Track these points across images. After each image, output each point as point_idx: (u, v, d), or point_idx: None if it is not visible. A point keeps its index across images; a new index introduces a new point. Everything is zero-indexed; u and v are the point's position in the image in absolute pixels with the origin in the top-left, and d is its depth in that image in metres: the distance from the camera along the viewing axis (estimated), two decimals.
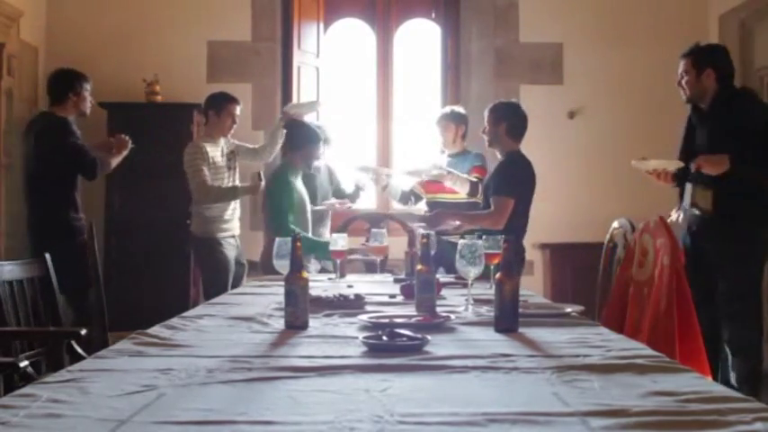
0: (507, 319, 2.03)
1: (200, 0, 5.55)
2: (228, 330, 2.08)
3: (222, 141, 4.61)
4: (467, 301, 2.47)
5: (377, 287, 3.15)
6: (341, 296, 2.56)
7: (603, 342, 1.85)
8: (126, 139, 4.41)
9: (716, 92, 3.52)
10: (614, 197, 5.21)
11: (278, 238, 2.84)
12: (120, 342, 1.82)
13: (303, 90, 5.68)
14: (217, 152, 4.54)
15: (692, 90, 3.57)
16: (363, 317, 2.15)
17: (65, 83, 4.33)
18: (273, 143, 4.73)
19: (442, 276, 3.21)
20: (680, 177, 3.59)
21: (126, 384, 1.38)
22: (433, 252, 2.49)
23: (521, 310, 2.10)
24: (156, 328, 2.01)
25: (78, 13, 5.49)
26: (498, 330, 2.02)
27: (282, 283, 2.10)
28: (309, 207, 4.30)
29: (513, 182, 3.77)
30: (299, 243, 2.10)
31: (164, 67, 5.34)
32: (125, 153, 4.40)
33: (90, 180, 4.35)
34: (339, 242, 3.47)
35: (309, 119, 5.00)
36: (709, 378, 1.62)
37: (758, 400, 1.27)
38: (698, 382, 1.42)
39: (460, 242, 2.40)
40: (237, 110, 4.60)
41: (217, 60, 5.53)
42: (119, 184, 4.94)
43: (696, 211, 3.50)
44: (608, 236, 3.52)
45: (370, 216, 5.02)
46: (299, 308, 2.05)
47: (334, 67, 6.07)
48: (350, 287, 3.15)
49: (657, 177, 3.59)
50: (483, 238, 2.59)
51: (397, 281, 3.30)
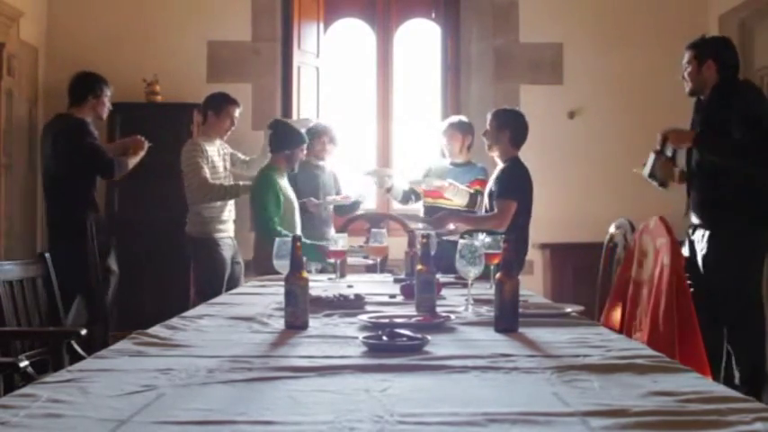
0: (507, 319, 2.03)
1: (200, 0, 5.56)
2: (228, 330, 2.07)
3: (218, 143, 4.61)
4: (467, 301, 2.47)
5: (377, 287, 3.15)
6: (341, 296, 2.56)
7: (603, 342, 1.85)
8: (142, 139, 4.44)
9: (716, 83, 3.49)
10: (614, 197, 5.21)
11: (277, 239, 2.84)
12: (120, 342, 1.82)
13: (303, 90, 5.68)
14: (214, 152, 4.54)
15: (693, 81, 3.54)
16: (363, 317, 2.15)
17: (86, 85, 4.38)
18: (264, 157, 4.72)
19: (441, 276, 3.21)
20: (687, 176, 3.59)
21: (126, 384, 1.38)
22: (432, 252, 2.49)
23: (521, 310, 2.10)
24: (156, 328, 2.01)
25: (78, 13, 5.50)
26: (498, 330, 2.02)
27: (282, 283, 2.10)
28: (297, 207, 4.28)
29: (515, 186, 3.89)
30: (298, 243, 2.11)
31: (164, 67, 5.34)
32: (142, 154, 4.43)
33: (108, 180, 4.40)
34: (339, 242, 3.47)
35: (317, 119, 5.02)
36: (710, 378, 1.61)
37: (759, 401, 1.27)
38: (698, 382, 1.42)
39: (460, 242, 2.40)
40: (237, 112, 4.60)
41: (217, 60, 5.54)
42: (119, 183, 4.94)
43: (654, 183, 3.50)
44: (608, 236, 3.52)
45: (370, 216, 5.02)
46: (299, 308, 2.05)
47: (334, 67, 6.07)
48: (350, 287, 3.15)
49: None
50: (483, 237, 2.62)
51: (397, 281, 3.30)
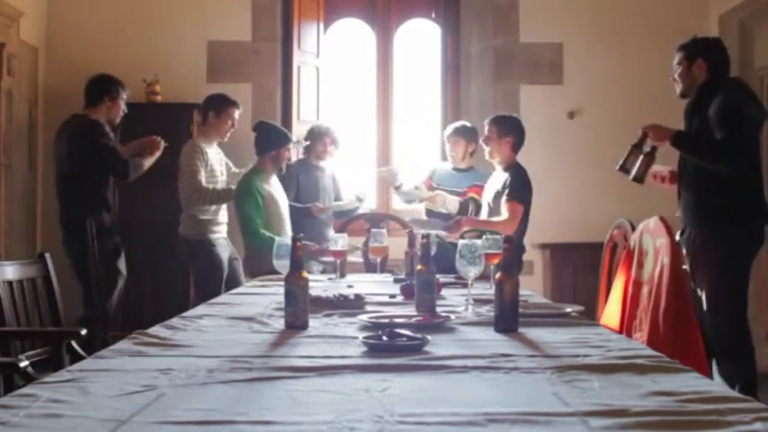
0: (507, 319, 2.03)
1: (200, 0, 5.55)
2: (228, 330, 2.07)
3: (216, 144, 4.62)
4: (467, 301, 2.47)
5: (377, 287, 3.15)
6: (341, 296, 2.56)
7: (603, 342, 1.85)
8: (158, 140, 4.45)
9: (703, 82, 3.43)
10: (614, 197, 5.20)
11: (277, 239, 2.84)
12: (120, 342, 1.82)
13: (303, 90, 5.68)
14: (213, 154, 4.55)
15: (683, 82, 3.50)
16: (363, 317, 2.15)
17: (102, 87, 4.40)
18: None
19: (441, 276, 3.21)
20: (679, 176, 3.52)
21: (126, 384, 1.38)
22: (432, 252, 2.50)
23: (521, 310, 2.10)
24: (156, 328, 2.01)
25: (78, 13, 5.49)
26: (498, 330, 2.02)
27: (282, 283, 2.10)
28: (286, 207, 4.25)
29: (523, 190, 4.03)
30: (298, 244, 2.11)
31: (164, 67, 5.34)
32: (158, 154, 4.44)
33: (123, 181, 4.40)
34: (339, 242, 3.47)
35: (317, 119, 5.02)
36: (709, 378, 1.62)
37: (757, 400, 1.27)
38: (698, 382, 1.42)
39: (461, 242, 2.40)
40: (237, 113, 4.61)
41: (217, 60, 5.53)
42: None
43: (627, 177, 3.44)
44: (608, 236, 3.52)
45: (370, 216, 5.02)
46: (298, 308, 2.05)
47: (334, 67, 6.07)
48: (350, 287, 3.15)
49: (654, 179, 3.58)
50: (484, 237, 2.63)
51: (397, 281, 3.30)
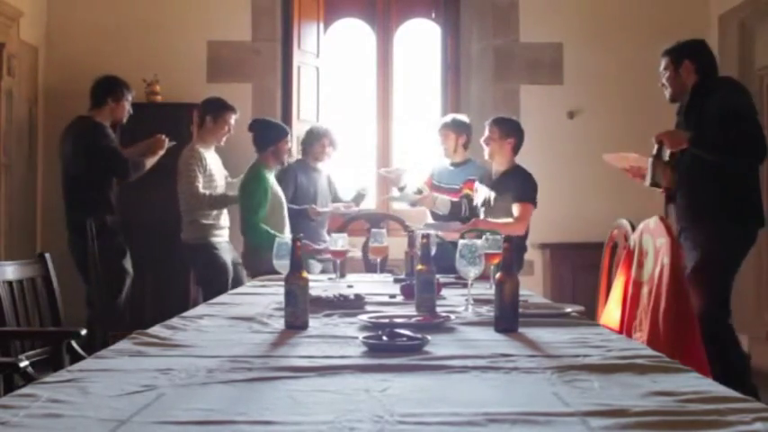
0: (507, 319, 2.03)
1: (200, 0, 5.56)
2: (228, 330, 2.07)
3: (213, 149, 4.63)
4: (467, 301, 2.47)
5: (377, 287, 3.15)
6: (341, 296, 2.56)
7: (603, 342, 1.85)
8: (162, 138, 4.46)
9: (695, 84, 3.44)
10: (614, 197, 5.21)
11: (277, 239, 2.84)
12: (120, 342, 1.82)
13: (303, 90, 5.68)
14: (211, 159, 4.56)
15: (672, 86, 3.51)
16: (363, 317, 2.14)
17: (106, 88, 4.43)
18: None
19: (441, 276, 3.22)
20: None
21: (126, 384, 1.38)
22: (432, 252, 2.50)
23: (521, 310, 2.09)
24: (156, 328, 2.01)
25: (78, 13, 5.50)
26: (498, 330, 2.02)
27: (282, 283, 2.10)
28: (285, 206, 4.28)
29: (530, 190, 4.09)
30: (299, 243, 2.11)
31: (164, 67, 5.34)
32: (161, 153, 4.45)
33: (124, 181, 4.42)
34: (339, 242, 3.47)
35: (317, 119, 5.03)
36: (710, 378, 1.61)
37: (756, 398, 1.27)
38: (698, 382, 1.42)
39: (461, 242, 2.40)
40: (233, 119, 4.62)
41: (217, 60, 5.54)
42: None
43: (658, 190, 3.43)
44: (608, 236, 3.52)
45: (370, 216, 5.02)
46: (298, 308, 2.05)
47: (334, 67, 6.07)
48: (350, 287, 3.15)
49: (631, 175, 3.65)
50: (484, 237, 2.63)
51: (397, 281, 3.30)
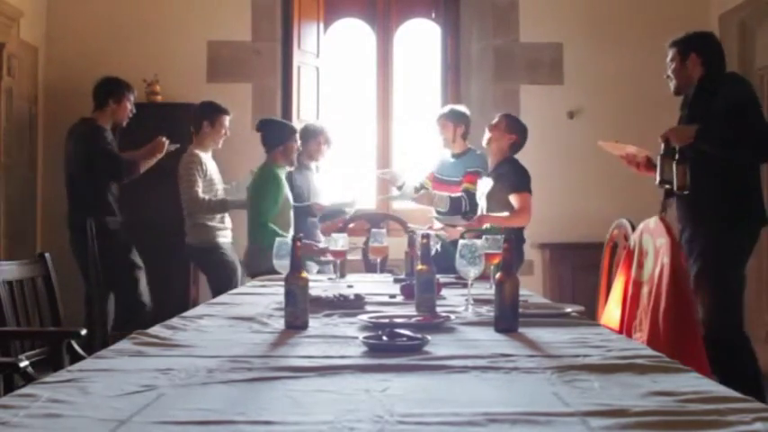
0: (507, 319, 2.03)
1: (200, 0, 5.55)
2: (228, 330, 2.07)
3: (210, 153, 4.63)
4: (467, 301, 2.47)
5: (377, 287, 3.15)
6: (341, 296, 2.56)
7: (603, 342, 1.85)
8: (162, 142, 4.44)
9: (700, 77, 3.36)
10: (614, 197, 5.20)
11: (277, 239, 2.84)
12: (120, 342, 1.82)
13: (303, 90, 5.68)
14: (210, 162, 4.56)
15: (678, 78, 3.44)
16: (363, 317, 2.14)
17: (107, 90, 4.43)
18: (236, 194, 4.71)
19: (441, 276, 3.22)
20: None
21: (126, 384, 1.38)
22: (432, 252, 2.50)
23: (521, 310, 2.09)
24: (156, 328, 2.01)
25: (78, 13, 5.49)
26: (498, 330, 2.02)
27: (282, 283, 2.10)
28: (292, 206, 4.28)
29: (523, 179, 4.08)
30: (299, 243, 2.11)
31: (164, 67, 5.34)
32: (159, 156, 4.45)
33: (118, 182, 4.43)
34: (339, 242, 3.47)
35: (317, 119, 5.03)
36: (710, 378, 1.61)
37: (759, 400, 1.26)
38: (698, 382, 1.42)
39: (461, 242, 2.40)
40: (228, 121, 4.64)
41: (217, 60, 5.53)
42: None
43: (667, 186, 3.28)
44: (608, 236, 3.52)
45: (370, 216, 5.02)
46: (298, 308, 2.05)
47: (334, 67, 6.07)
48: (350, 287, 3.15)
49: (628, 164, 3.57)
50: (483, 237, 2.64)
51: (397, 281, 3.30)
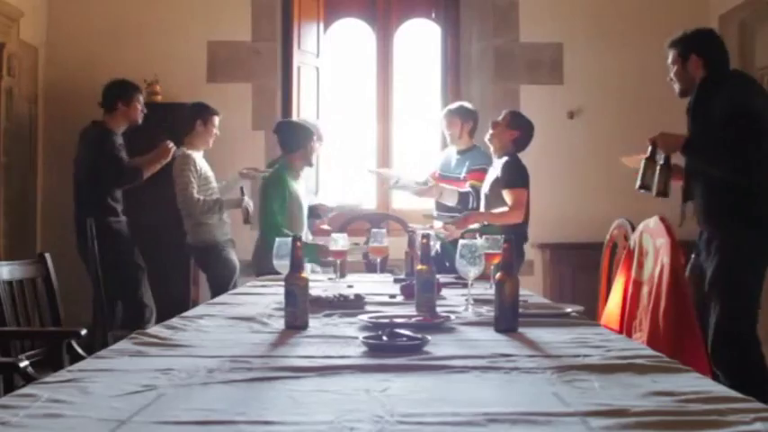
0: (507, 319, 2.03)
1: (200, 0, 5.55)
2: (228, 330, 2.07)
3: (203, 153, 4.64)
4: (467, 301, 2.47)
5: (377, 287, 3.15)
6: (341, 296, 2.56)
7: (603, 342, 1.85)
8: (169, 147, 4.43)
9: (702, 78, 3.22)
10: (614, 197, 5.19)
11: (278, 239, 2.83)
12: (120, 342, 1.82)
13: (303, 90, 5.68)
14: (203, 162, 4.57)
15: (680, 81, 3.31)
16: (363, 317, 2.15)
17: (115, 92, 4.43)
18: (227, 192, 4.72)
19: (441, 276, 3.21)
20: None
21: (126, 384, 1.38)
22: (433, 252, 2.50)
23: (521, 310, 2.10)
24: (156, 328, 2.01)
25: (78, 13, 5.49)
26: (498, 330, 2.02)
27: (282, 283, 2.10)
28: (306, 209, 4.27)
29: (519, 175, 4.02)
30: (298, 243, 2.11)
31: (164, 67, 5.34)
32: (164, 161, 4.44)
33: (120, 188, 4.40)
34: (339, 242, 3.47)
35: (305, 117, 5.02)
36: (710, 378, 1.61)
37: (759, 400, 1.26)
38: (698, 382, 1.42)
39: (461, 242, 2.40)
40: (217, 121, 4.65)
41: (217, 60, 5.53)
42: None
43: (646, 192, 3.23)
44: (608, 236, 3.52)
45: (370, 216, 5.02)
46: (298, 308, 2.05)
47: (334, 67, 6.06)
48: (350, 287, 3.15)
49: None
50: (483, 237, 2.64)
51: (397, 281, 3.30)
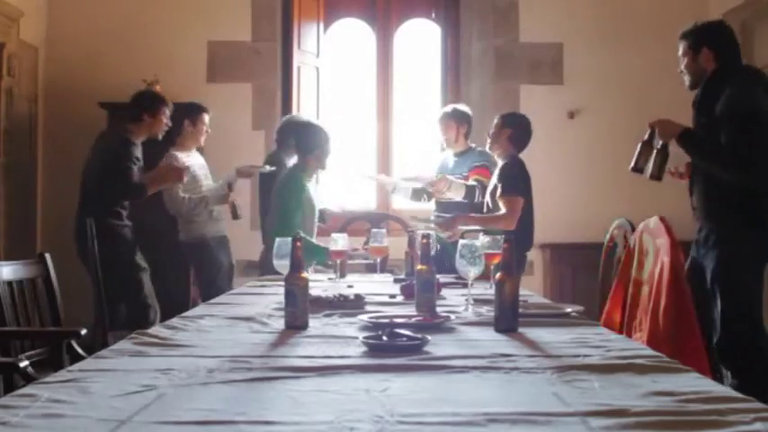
0: (507, 319, 2.03)
1: (200, 0, 5.56)
2: (228, 330, 2.07)
3: (195, 150, 4.64)
4: (467, 301, 2.47)
5: (377, 287, 3.15)
6: (341, 296, 2.56)
7: (603, 342, 1.85)
8: (181, 170, 4.35)
9: (712, 72, 3.19)
10: (614, 197, 5.21)
11: (278, 239, 2.83)
12: (120, 342, 1.82)
13: (303, 90, 5.68)
14: (193, 162, 4.56)
15: (691, 73, 3.28)
16: (363, 317, 2.14)
17: (142, 104, 4.38)
18: (221, 189, 4.67)
19: (441, 276, 3.21)
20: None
21: (126, 384, 1.38)
22: (433, 252, 2.50)
23: (521, 310, 2.09)
24: (156, 328, 2.01)
25: (78, 13, 5.50)
26: (498, 330, 2.02)
27: (282, 283, 2.10)
28: (317, 212, 4.27)
29: (518, 181, 3.92)
30: (299, 243, 2.10)
31: (164, 67, 5.34)
32: (170, 184, 4.37)
33: (123, 200, 4.33)
34: (339, 242, 3.47)
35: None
36: (709, 378, 1.61)
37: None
38: (698, 382, 1.42)
39: (461, 242, 2.40)
40: (207, 119, 4.63)
41: (217, 60, 5.54)
42: None
43: (638, 174, 3.24)
44: (608, 236, 3.51)
45: (370, 216, 5.02)
46: (298, 308, 2.05)
47: (334, 67, 6.07)
48: (350, 287, 3.15)
49: (672, 176, 3.44)
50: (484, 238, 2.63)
51: (397, 281, 3.29)
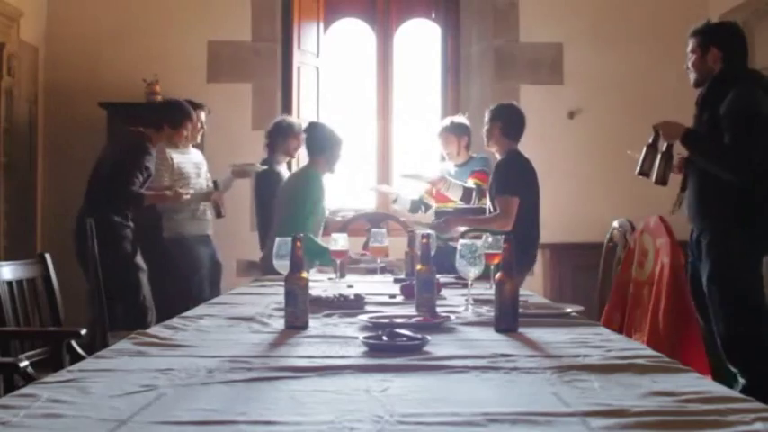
0: (507, 319, 2.03)
1: (200, 0, 5.56)
2: (228, 330, 2.07)
3: (191, 150, 4.62)
4: (467, 301, 2.47)
5: (377, 287, 3.15)
6: (341, 296, 2.56)
7: (603, 342, 1.85)
8: (183, 198, 4.30)
9: (718, 73, 3.19)
10: (614, 197, 5.21)
11: (278, 238, 2.83)
12: (120, 342, 1.82)
13: (303, 90, 5.68)
14: (182, 159, 4.53)
15: (697, 71, 3.28)
16: (363, 317, 2.14)
17: (163, 113, 4.37)
18: (224, 191, 4.70)
19: (441, 276, 3.21)
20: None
21: (126, 384, 1.38)
22: (432, 252, 2.50)
23: (521, 310, 2.09)
24: (156, 328, 2.01)
25: (78, 13, 5.50)
26: (498, 330, 2.02)
27: (282, 283, 2.10)
28: (326, 212, 4.26)
29: (513, 181, 3.86)
30: (299, 243, 2.10)
31: (164, 67, 5.34)
32: (167, 203, 4.35)
33: (122, 209, 4.31)
34: (339, 242, 3.47)
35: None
36: (709, 378, 1.61)
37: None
38: (698, 382, 1.42)
39: (461, 242, 2.40)
40: (203, 115, 4.62)
41: (217, 60, 5.54)
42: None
43: (644, 178, 3.24)
44: (608, 236, 3.51)
45: (370, 216, 5.02)
46: (298, 308, 2.05)
47: (334, 67, 6.07)
48: (350, 287, 3.15)
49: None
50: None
51: (397, 281, 3.29)
